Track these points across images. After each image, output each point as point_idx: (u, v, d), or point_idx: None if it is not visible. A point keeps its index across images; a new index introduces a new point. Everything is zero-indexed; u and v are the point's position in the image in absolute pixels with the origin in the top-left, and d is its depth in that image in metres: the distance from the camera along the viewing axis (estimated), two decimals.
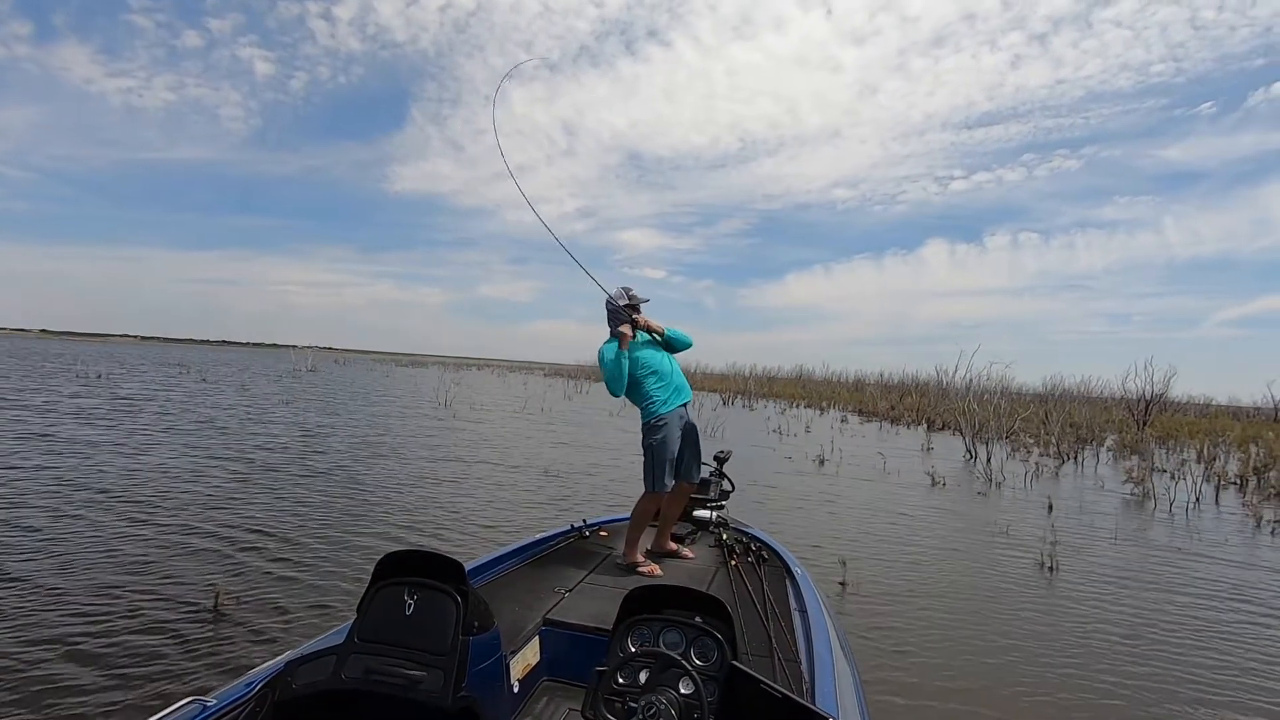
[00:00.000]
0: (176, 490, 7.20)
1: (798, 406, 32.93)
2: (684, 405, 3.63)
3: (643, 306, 3.66)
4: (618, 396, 3.56)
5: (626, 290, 3.62)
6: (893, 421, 25.91)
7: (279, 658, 1.90)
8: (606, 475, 10.11)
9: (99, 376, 25.14)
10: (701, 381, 45.04)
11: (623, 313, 3.57)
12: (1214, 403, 38.63)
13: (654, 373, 3.56)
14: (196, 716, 1.57)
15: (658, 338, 3.68)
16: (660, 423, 3.50)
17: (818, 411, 30.02)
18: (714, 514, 4.08)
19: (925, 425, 24.05)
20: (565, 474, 9.99)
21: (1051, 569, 6.03)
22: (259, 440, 11.43)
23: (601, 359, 3.56)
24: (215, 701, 1.63)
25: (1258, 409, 35.97)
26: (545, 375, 67.66)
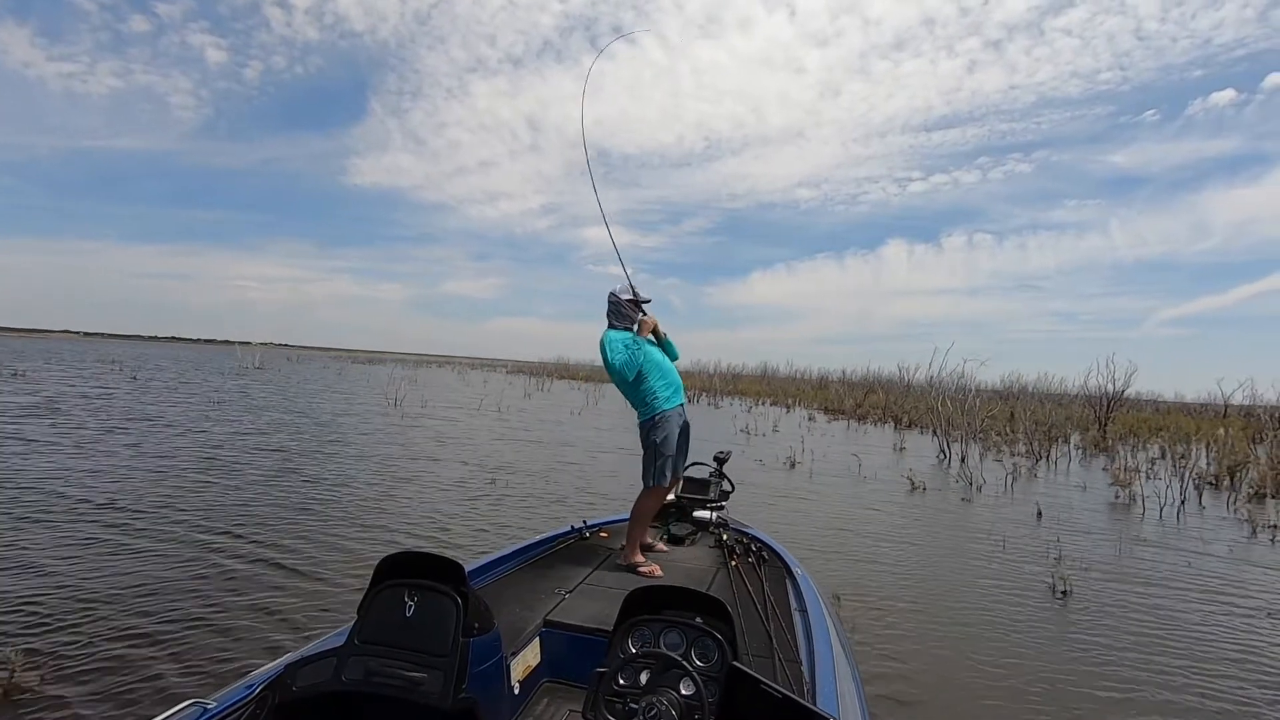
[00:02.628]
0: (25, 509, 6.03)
1: (763, 404, 32.45)
2: (681, 405, 3.70)
3: (645, 305, 3.75)
4: (628, 380, 3.57)
5: (623, 288, 3.70)
6: (859, 420, 25.55)
7: (279, 660, 1.88)
8: (565, 479, 9.16)
9: (15, 375, 23.16)
10: None
11: (625, 306, 3.67)
12: (1160, 398, 39.35)
13: (658, 370, 3.63)
14: (197, 718, 1.57)
15: (655, 340, 3.77)
16: (663, 419, 3.57)
17: (784, 409, 29.51)
18: (714, 514, 4.08)
19: (893, 423, 23.73)
20: (514, 478, 9.01)
21: (1065, 593, 5.29)
22: (162, 445, 10.15)
23: (608, 344, 3.58)
24: (215, 704, 1.63)
25: (1204, 406, 36.66)
26: (507, 373, 66.03)
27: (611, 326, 3.68)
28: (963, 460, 13.61)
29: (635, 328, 3.67)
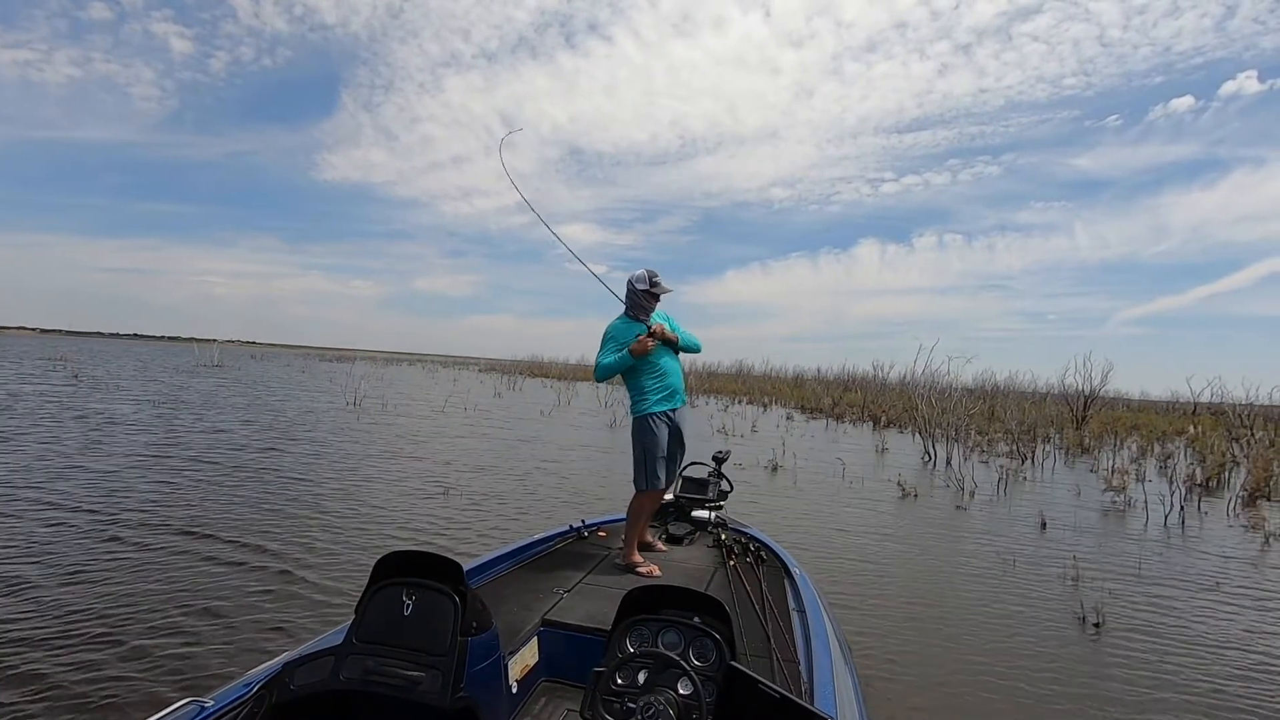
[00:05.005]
0: None
1: (739, 403, 31.83)
2: (674, 410, 3.56)
3: (664, 297, 3.57)
4: (602, 381, 3.56)
5: (650, 275, 3.50)
6: (837, 418, 25.08)
7: (277, 659, 1.87)
8: (527, 482, 8.30)
9: None
10: None
11: (639, 296, 3.50)
12: (1124, 395, 39.59)
13: (653, 372, 3.50)
14: (194, 717, 1.56)
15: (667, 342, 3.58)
16: (650, 421, 3.48)
17: (760, 408, 28.93)
18: (712, 514, 4.06)
19: (871, 422, 23.28)
20: (472, 477, 8.13)
21: (1098, 624, 4.59)
22: (68, 448, 9.07)
23: (602, 340, 3.52)
24: (213, 703, 1.62)
25: (1171, 403, 36.92)
26: (480, 371, 64.68)
27: (624, 314, 3.59)
28: (948, 462, 13.05)
29: (641, 328, 3.52)
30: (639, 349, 3.39)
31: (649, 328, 3.47)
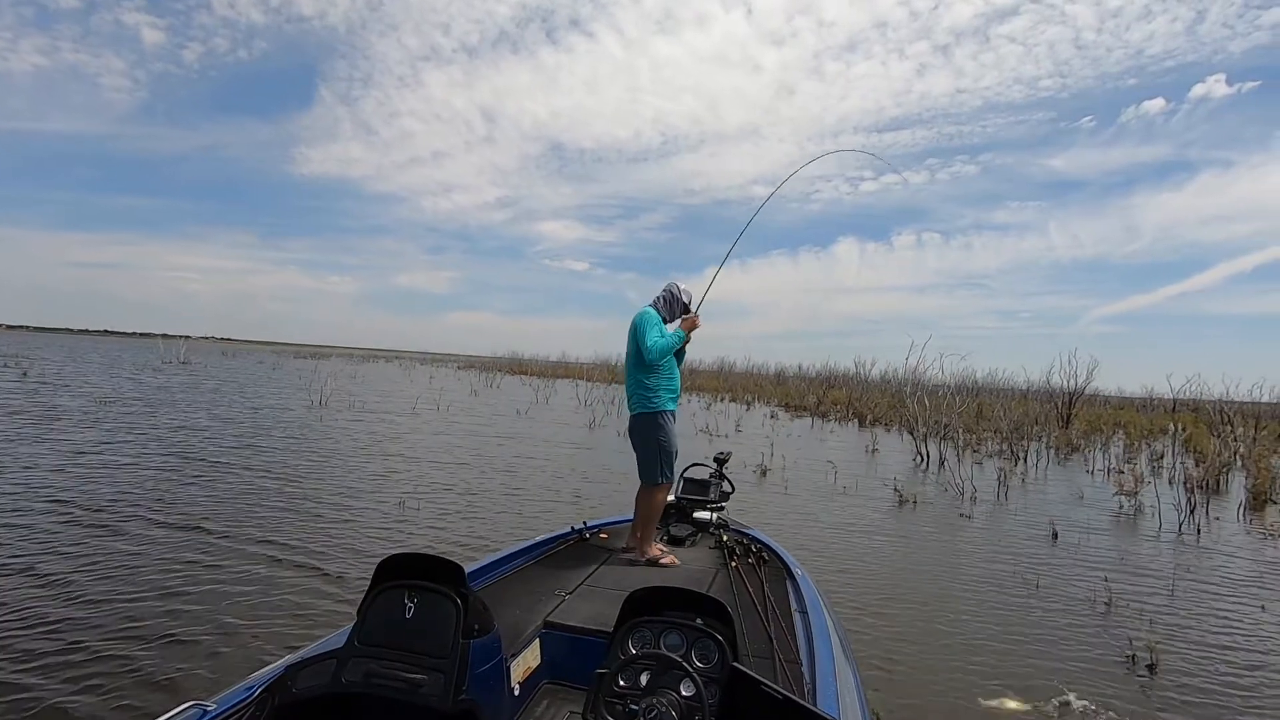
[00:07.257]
0: None
1: (722, 400, 31.29)
2: (675, 411, 3.74)
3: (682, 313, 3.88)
4: (655, 362, 3.59)
5: (686, 290, 3.84)
6: (822, 416, 24.64)
7: (279, 661, 1.86)
8: (504, 490, 7.57)
9: None
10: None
11: (675, 303, 3.82)
12: (1100, 393, 39.53)
13: (672, 373, 3.72)
14: None
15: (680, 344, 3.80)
16: (665, 418, 3.65)
17: (744, 406, 28.40)
18: (714, 515, 4.05)
19: (857, 421, 22.83)
20: (445, 477, 7.37)
21: (1151, 667, 3.95)
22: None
23: (650, 323, 3.62)
24: (215, 706, 1.61)
25: (1147, 400, 36.92)
26: (458, 368, 63.52)
27: (653, 305, 3.77)
28: (942, 463, 12.55)
29: (676, 323, 3.78)
30: (688, 325, 3.76)
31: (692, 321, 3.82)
